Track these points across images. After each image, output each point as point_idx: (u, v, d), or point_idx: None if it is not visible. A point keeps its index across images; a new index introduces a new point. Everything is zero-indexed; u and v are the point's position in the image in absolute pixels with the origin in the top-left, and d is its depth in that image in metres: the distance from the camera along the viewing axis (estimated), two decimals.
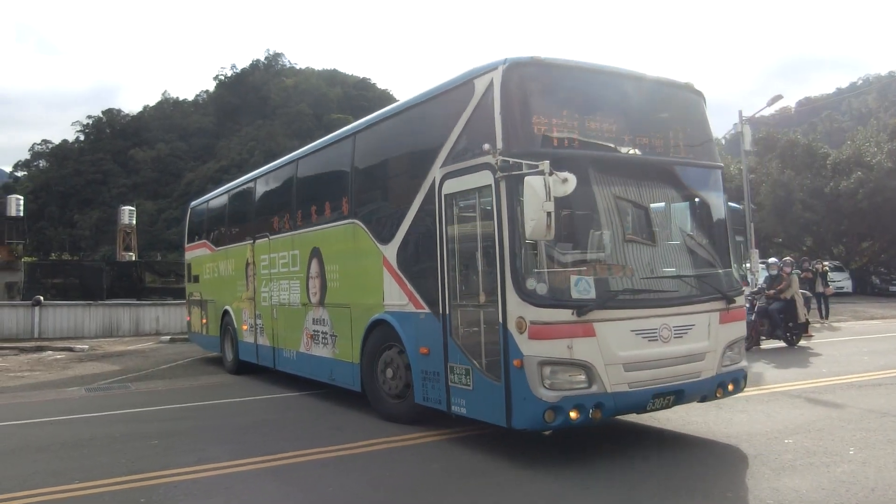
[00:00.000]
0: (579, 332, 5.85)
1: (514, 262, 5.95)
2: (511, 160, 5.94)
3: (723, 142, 49.31)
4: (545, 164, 5.65)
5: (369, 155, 9.05)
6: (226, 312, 13.80)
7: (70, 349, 19.16)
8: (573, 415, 5.82)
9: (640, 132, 6.83)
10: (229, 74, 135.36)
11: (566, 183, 5.66)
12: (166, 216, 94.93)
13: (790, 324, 14.54)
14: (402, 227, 7.74)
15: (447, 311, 6.87)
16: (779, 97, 24.19)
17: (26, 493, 5.76)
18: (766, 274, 15.63)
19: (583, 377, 5.89)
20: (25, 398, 11.27)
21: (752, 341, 14.03)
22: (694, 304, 6.58)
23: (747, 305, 14.48)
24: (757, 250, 21.53)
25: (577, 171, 5.92)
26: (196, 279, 16.20)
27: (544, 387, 5.78)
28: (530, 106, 6.33)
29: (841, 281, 31.67)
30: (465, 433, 7.33)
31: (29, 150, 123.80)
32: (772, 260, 15.86)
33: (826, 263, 24.61)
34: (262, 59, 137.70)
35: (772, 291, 14.56)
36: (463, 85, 6.89)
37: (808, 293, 17.07)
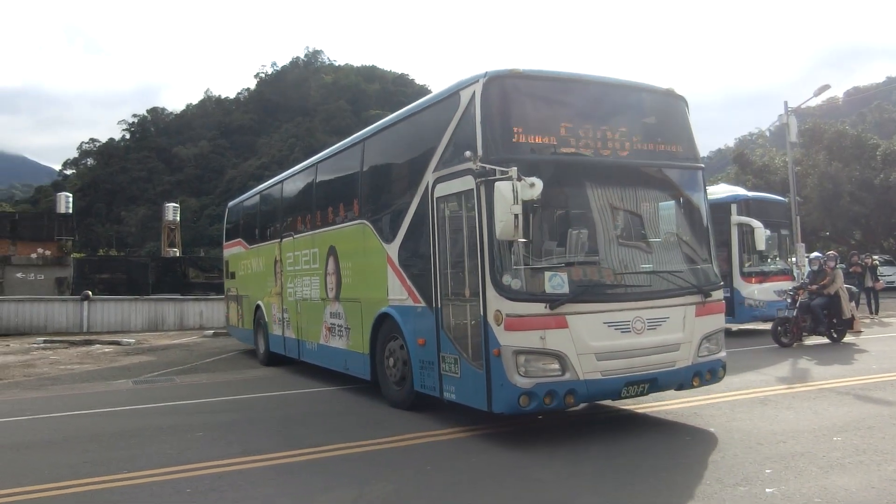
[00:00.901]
0: (552, 323, 6.35)
1: (491, 260, 6.46)
2: (488, 166, 6.42)
3: (767, 133, 48.27)
4: (513, 171, 6.15)
5: (375, 160, 9.66)
6: (258, 307, 14.59)
7: (117, 343, 19.66)
8: (547, 400, 6.32)
9: (618, 136, 7.17)
10: (270, 72, 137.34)
11: (533, 187, 6.15)
12: (209, 212, 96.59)
13: (834, 320, 14.13)
14: (402, 227, 8.32)
15: (439, 306, 7.42)
16: (826, 87, 23.61)
17: (78, 482, 5.92)
18: (809, 269, 15.23)
19: (556, 365, 6.37)
20: (76, 390, 11.59)
21: (794, 337, 13.72)
22: (668, 297, 6.98)
23: (788, 300, 14.11)
24: (803, 244, 21.07)
25: (553, 174, 6.60)
26: (233, 276, 16.95)
27: (519, 374, 6.29)
28: (508, 115, 6.80)
29: (891, 275, 30.77)
30: (499, 430, 7.33)
31: (77, 149, 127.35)
32: (814, 255, 15.38)
33: (876, 257, 23.93)
34: (302, 56, 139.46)
35: (814, 286, 14.15)
36: (451, 96, 7.44)
37: (853, 288, 16.53)
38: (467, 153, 6.58)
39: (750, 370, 10.86)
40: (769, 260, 16.69)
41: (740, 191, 17.63)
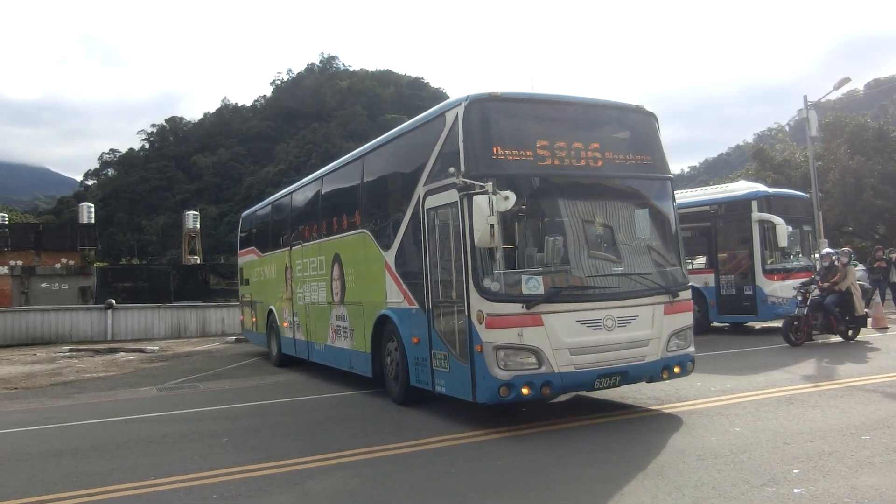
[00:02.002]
0: (528, 321, 6.99)
1: (474, 265, 7.14)
2: (468, 181, 7.11)
3: (787, 128, 47.79)
4: (489, 185, 6.86)
5: (374, 174, 10.34)
6: (270, 311, 15.38)
7: (141, 350, 19.84)
8: (524, 391, 6.96)
9: (591, 151, 7.81)
10: (286, 79, 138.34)
11: (507, 200, 6.79)
12: (229, 219, 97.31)
13: (847, 317, 13.77)
14: (398, 236, 9.01)
15: (430, 307, 8.11)
16: (846, 80, 23.27)
17: (106, 489, 5.98)
18: (820, 265, 14.86)
19: (533, 359, 7.01)
20: (102, 397, 11.72)
21: (804, 335, 13.43)
22: (636, 297, 7.60)
23: (799, 298, 13.74)
24: (826, 240, 20.83)
25: (529, 187, 7.52)
26: (247, 282, 17.69)
27: (499, 367, 6.94)
28: (488, 134, 7.45)
29: None
30: (522, 432, 7.34)
31: (98, 160, 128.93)
32: (825, 251, 15.01)
33: None
34: (317, 62, 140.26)
35: (826, 284, 13.79)
36: (438, 117, 8.18)
37: (867, 284, 16.15)
38: (451, 169, 7.30)
39: (775, 368, 10.76)
40: (791, 256, 16.49)
41: (760, 187, 17.46)
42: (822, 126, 29.85)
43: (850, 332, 13.80)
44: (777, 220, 15.06)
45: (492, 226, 6.70)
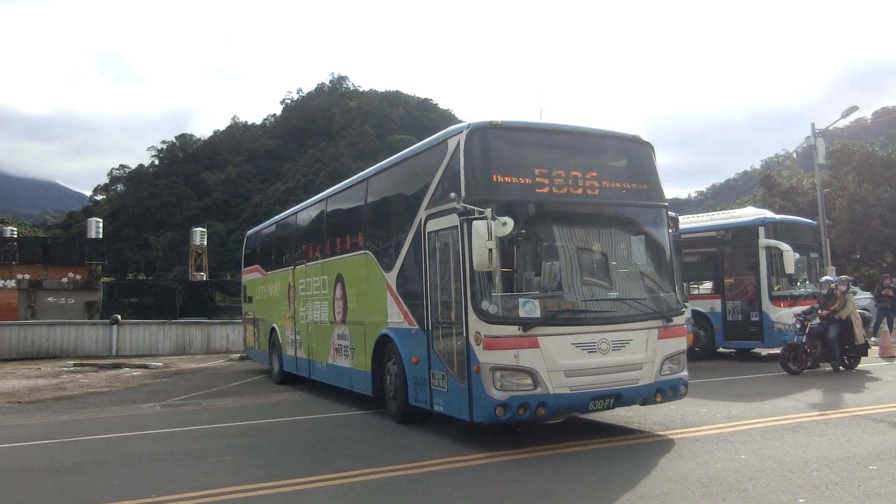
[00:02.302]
0: (524, 344, 7.16)
1: (472, 288, 7.33)
2: (468, 206, 7.30)
3: (794, 155, 47.79)
4: (488, 211, 7.05)
5: (377, 197, 10.54)
6: (273, 329, 15.55)
7: (146, 366, 19.84)
8: (520, 411, 7.13)
9: (589, 179, 8.00)
10: (295, 98, 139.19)
11: (505, 226, 6.99)
12: (236, 237, 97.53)
13: (847, 346, 13.47)
14: (399, 258, 9.18)
15: (430, 328, 8.29)
16: (854, 108, 23.33)
17: None
18: (819, 293, 14.53)
19: (528, 381, 7.17)
20: (105, 413, 11.71)
21: (802, 365, 13.15)
22: (631, 322, 7.77)
23: (797, 326, 13.40)
24: (833, 267, 20.74)
25: (528, 213, 7.73)
26: (250, 300, 17.88)
27: (496, 388, 7.11)
28: (488, 161, 7.65)
29: None
30: (524, 455, 7.29)
31: (108, 175, 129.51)
32: (824, 278, 14.66)
33: None
34: (327, 82, 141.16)
35: (825, 312, 13.45)
36: (440, 143, 8.38)
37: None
38: (452, 195, 7.51)
39: (781, 396, 10.68)
40: (798, 283, 16.41)
41: (768, 213, 17.45)
42: (829, 153, 29.85)
43: (850, 362, 13.53)
44: (784, 246, 15.03)
45: (490, 250, 6.88)
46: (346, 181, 12.21)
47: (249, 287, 17.99)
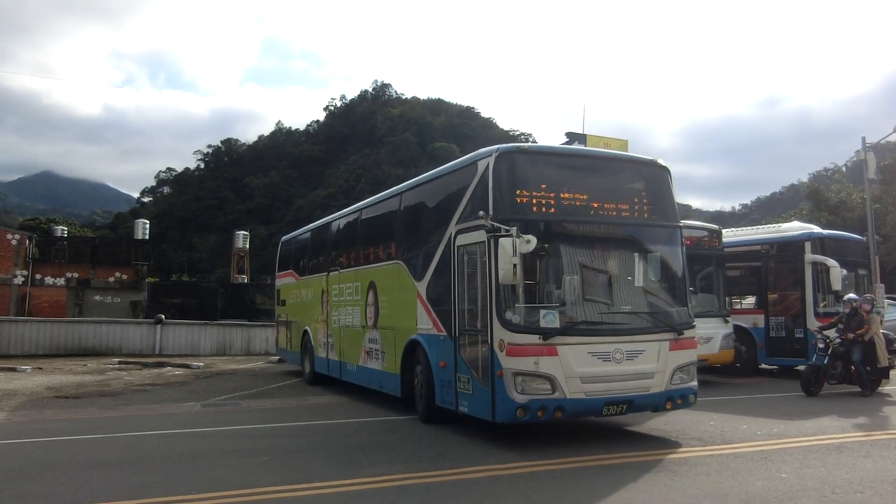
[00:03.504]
0: (544, 351, 7.72)
1: (497, 299, 7.89)
2: (495, 224, 7.85)
3: (843, 169, 46.64)
4: (513, 229, 7.64)
5: (410, 211, 11.06)
6: (305, 332, 16.12)
7: (187, 366, 20.23)
8: (539, 413, 7.69)
9: (607, 200, 8.64)
10: (339, 105, 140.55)
11: (529, 243, 7.59)
12: (277, 240, 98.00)
13: (868, 367, 12.77)
14: (430, 269, 9.74)
15: (457, 335, 8.88)
16: None
17: (149, 501, 6.11)
18: (842, 311, 13.48)
19: (547, 386, 7.72)
20: (148, 411, 11.97)
21: (820, 386, 12.60)
22: (644, 334, 8.32)
23: (821, 345, 12.78)
24: (882, 285, 20.20)
25: (550, 231, 8.21)
26: (283, 303, 18.42)
27: (517, 391, 7.67)
28: (514, 183, 8.24)
29: None
30: (562, 466, 7.26)
31: (155, 178, 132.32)
32: (848, 296, 13.66)
33: None
34: (370, 89, 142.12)
35: (851, 335, 12.70)
36: (471, 164, 8.94)
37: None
38: (480, 212, 8.10)
39: (825, 415, 10.44)
40: (845, 300, 16.00)
41: (815, 228, 17.08)
42: (880, 168, 29.10)
43: (871, 384, 12.81)
44: (831, 262, 14.69)
45: (514, 265, 7.45)
46: (380, 195, 12.85)
47: (283, 291, 18.52)
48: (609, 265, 8.56)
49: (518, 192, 8.21)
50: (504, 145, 8.57)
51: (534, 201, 8.22)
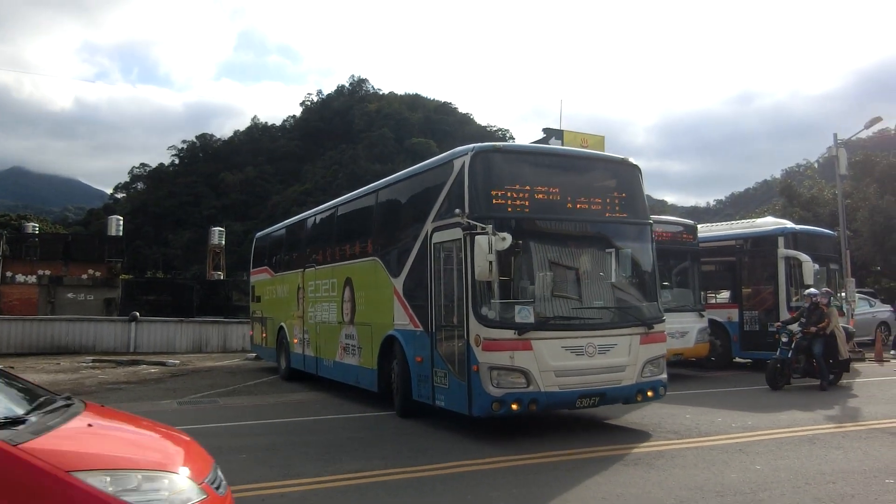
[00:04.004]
0: (519, 346, 7.92)
1: (473, 295, 8.07)
2: (471, 222, 8.01)
3: (816, 165, 47.33)
4: (489, 227, 7.77)
5: (387, 208, 11.27)
6: (281, 328, 16.13)
7: (162, 363, 20.03)
8: (514, 406, 7.86)
9: (579, 198, 8.86)
10: (315, 100, 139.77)
11: (504, 241, 7.72)
12: (253, 237, 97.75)
13: (830, 360, 12.96)
14: (406, 265, 9.89)
15: (434, 330, 9.01)
16: (878, 119, 23.07)
17: None
18: (802, 305, 13.63)
19: (522, 379, 7.91)
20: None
21: (784, 379, 12.73)
22: (615, 328, 8.61)
23: (784, 339, 12.92)
24: (853, 279, 20.51)
25: (524, 228, 8.33)
26: (258, 299, 18.39)
27: (492, 385, 7.84)
28: (489, 181, 8.41)
29: None
30: (538, 461, 7.31)
31: (128, 173, 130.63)
32: (808, 291, 13.68)
33: None
34: (347, 84, 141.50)
35: (812, 329, 12.81)
36: (447, 163, 9.08)
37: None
38: (457, 210, 8.24)
39: (797, 408, 10.61)
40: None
41: (788, 224, 17.31)
42: (851, 164, 29.53)
43: (833, 377, 13.01)
44: (804, 257, 14.90)
45: (490, 262, 7.61)
46: (356, 192, 12.94)
47: (258, 287, 18.52)
48: (582, 261, 8.83)
49: (493, 190, 8.39)
50: (479, 144, 8.73)
51: (509, 199, 8.39)
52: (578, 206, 8.82)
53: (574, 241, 8.86)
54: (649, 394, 8.78)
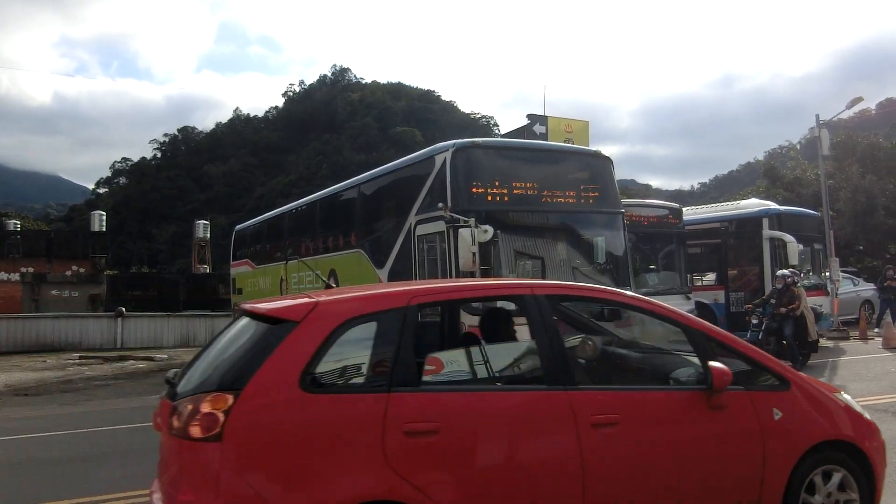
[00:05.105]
0: None
1: None
2: (454, 215, 8.45)
3: (798, 146, 47.66)
4: (472, 220, 8.21)
5: (370, 202, 11.71)
6: None
7: (150, 359, 19.91)
8: None
9: (555, 189, 9.39)
10: (297, 90, 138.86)
11: (486, 233, 8.18)
12: None
13: (797, 342, 12.92)
14: (391, 257, 10.31)
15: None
16: (859, 99, 23.24)
17: (117, 496, 6.06)
18: (773, 287, 13.79)
19: None
20: (111, 405, 11.78)
21: None
22: None
23: (755, 321, 13.12)
24: (837, 259, 20.69)
25: (504, 220, 8.83)
26: (240, 291, 18.89)
27: None
28: (470, 176, 8.90)
29: None
30: None
31: (110, 168, 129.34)
32: (780, 272, 13.77)
33: None
34: (329, 74, 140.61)
35: (783, 309, 12.84)
36: (429, 158, 9.54)
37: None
38: (440, 204, 8.64)
39: None
40: (802, 275, 16.38)
41: (772, 205, 17.45)
42: (833, 145, 29.73)
43: (802, 357, 12.90)
44: (788, 237, 15.02)
45: (473, 253, 8.06)
46: (338, 185, 13.43)
47: (239, 279, 18.95)
48: (558, 250, 9.39)
49: (474, 184, 8.86)
50: (460, 140, 9.22)
51: (489, 193, 8.87)
52: (554, 197, 9.36)
53: (551, 230, 9.41)
54: None
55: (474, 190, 8.84)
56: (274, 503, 3.21)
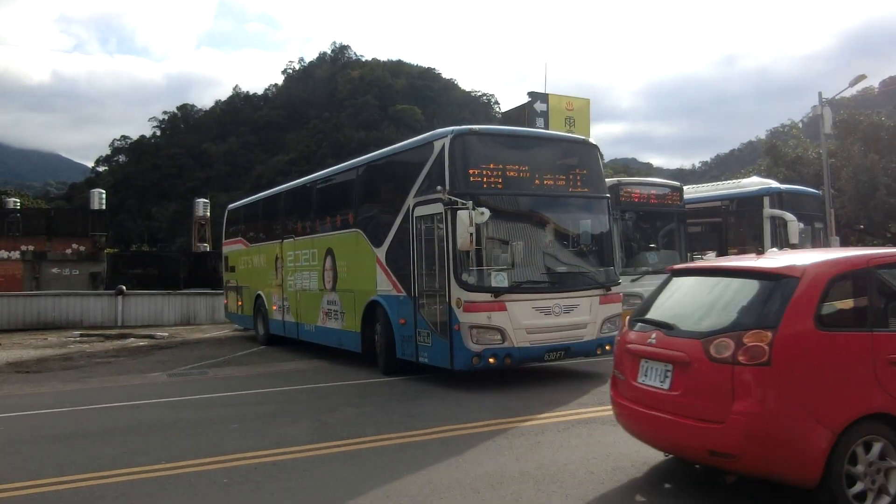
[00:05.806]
0: (496, 307, 9.01)
1: (455, 263, 9.08)
2: (452, 198, 8.95)
3: (800, 125, 47.36)
4: (469, 203, 8.71)
5: (368, 183, 12.15)
6: (258, 296, 16.91)
7: (151, 336, 19.99)
8: (491, 360, 8.99)
9: (546, 175, 9.93)
10: (297, 68, 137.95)
11: (483, 215, 8.73)
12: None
13: None
14: (389, 236, 10.75)
15: (416, 295, 9.95)
16: (862, 77, 23.11)
17: (119, 472, 6.06)
18: None
19: (498, 336, 9.02)
20: (112, 382, 11.82)
21: None
22: (578, 290, 9.73)
23: None
24: (838, 237, 20.69)
25: (499, 203, 9.35)
26: (233, 269, 19.13)
27: (472, 342, 8.93)
28: (467, 161, 9.36)
29: None
30: (528, 422, 7.37)
31: (109, 146, 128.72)
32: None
33: None
34: (329, 52, 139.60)
35: None
36: (428, 143, 9.97)
37: None
38: (438, 188, 9.18)
39: None
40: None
41: (773, 183, 17.34)
42: (836, 123, 29.55)
43: None
44: (789, 216, 14.97)
45: (471, 234, 8.54)
46: (336, 167, 13.72)
47: (231, 258, 19.18)
48: (549, 232, 9.92)
49: (471, 169, 9.29)
50: (457, 128, 9.58)
51: (485, 177, 9.34)
52: (545, 182, 9.85)
53: (542, 213, 9.85)
54: (608, 348, 9.62)
55: (471, 174, 9.28)
56: (810, 411, 4.30)
